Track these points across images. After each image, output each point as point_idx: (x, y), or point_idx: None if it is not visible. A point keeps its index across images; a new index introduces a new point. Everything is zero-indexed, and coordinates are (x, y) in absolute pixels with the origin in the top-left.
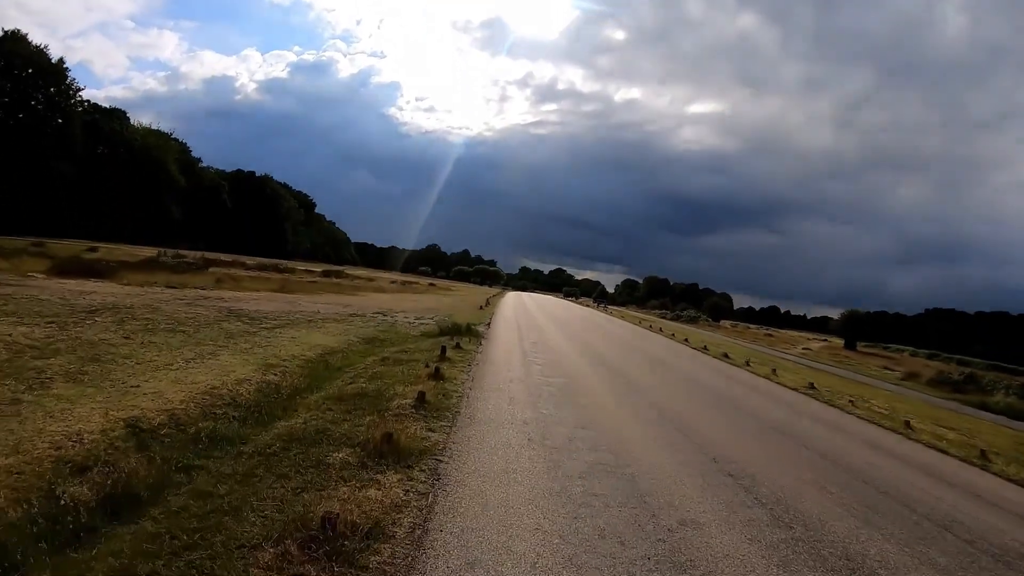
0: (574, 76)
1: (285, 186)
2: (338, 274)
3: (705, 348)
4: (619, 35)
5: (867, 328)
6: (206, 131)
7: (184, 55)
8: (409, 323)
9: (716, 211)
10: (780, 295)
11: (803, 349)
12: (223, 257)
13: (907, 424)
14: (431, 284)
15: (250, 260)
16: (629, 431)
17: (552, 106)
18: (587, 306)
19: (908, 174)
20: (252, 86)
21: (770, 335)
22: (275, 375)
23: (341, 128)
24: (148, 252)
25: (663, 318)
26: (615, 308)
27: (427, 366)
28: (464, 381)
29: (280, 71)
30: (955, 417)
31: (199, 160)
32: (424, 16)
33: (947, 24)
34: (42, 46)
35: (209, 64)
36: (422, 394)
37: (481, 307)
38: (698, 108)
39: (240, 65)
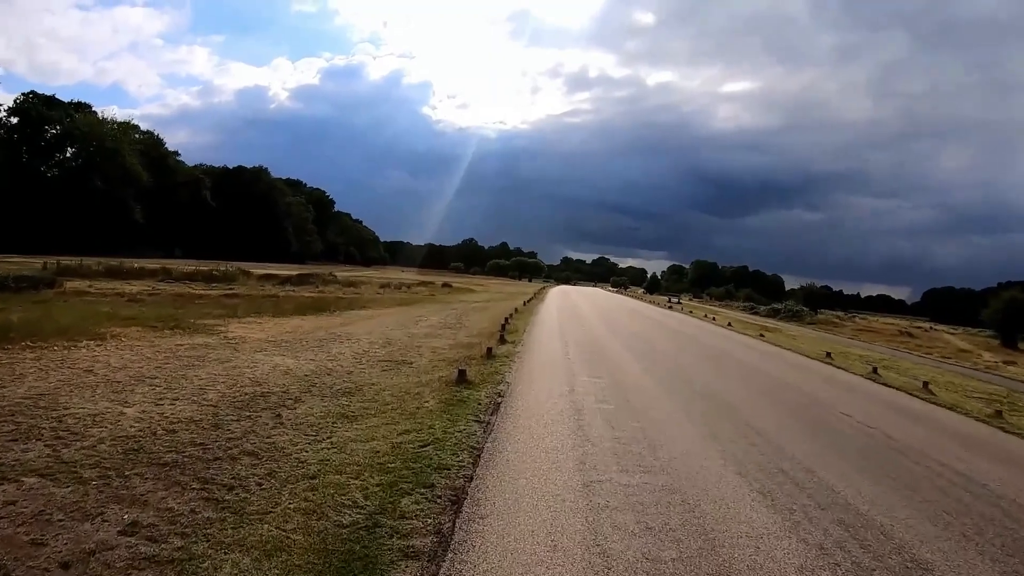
0: (604, 62)
1: (297, 182)
2: (304, 279)
3: None
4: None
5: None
6: (244, 142)
7: (215, 69)
8: None
9: (755, 190)
10: (825, 273)
11: (1005, 362)
12: (147, 265)
13: None
14: (444, 284)
15: (188, 266)
16: None
17: (584, 94)
18: (650, 302)
19: (949, 141)
20: (284, 94)
21: (908, 333)
22: None
23: (375, 130)
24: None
25: (750, 312)
26: (687, 303)
27: None
28: None
29: (311, 78)
30: None
31: (176, 153)
32: (450, 13)
33: None
34: None
35: (240, 76)
36: None
37: (485, 351)
38: (731, 87)
39: (272, 75)
